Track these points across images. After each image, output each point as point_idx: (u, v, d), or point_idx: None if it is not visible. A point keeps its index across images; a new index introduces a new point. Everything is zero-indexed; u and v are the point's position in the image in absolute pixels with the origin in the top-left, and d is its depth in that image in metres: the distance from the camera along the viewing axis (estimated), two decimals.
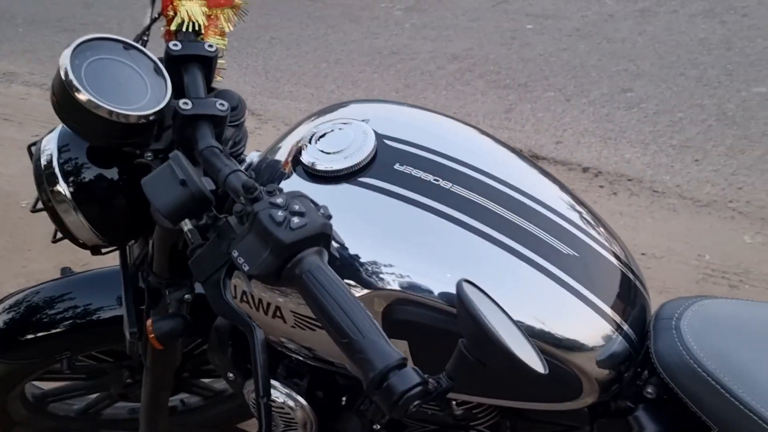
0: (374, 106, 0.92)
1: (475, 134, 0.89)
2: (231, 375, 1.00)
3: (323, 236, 0.65)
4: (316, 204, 0.67)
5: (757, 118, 2.90)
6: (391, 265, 0.75)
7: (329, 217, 0.67)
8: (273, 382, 0.92)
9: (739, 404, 0.71)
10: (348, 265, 0.75)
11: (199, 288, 0.92)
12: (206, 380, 1.46)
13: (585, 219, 0.83)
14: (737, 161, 2.64)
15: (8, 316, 1.17)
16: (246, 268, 0.63)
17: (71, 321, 1.15)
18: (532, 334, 0.71)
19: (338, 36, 4.18)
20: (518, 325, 0.61)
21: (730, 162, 2.64)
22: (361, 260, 0.75)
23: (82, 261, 1.77)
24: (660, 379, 0.77)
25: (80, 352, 1.24)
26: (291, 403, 0.92)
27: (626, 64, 3.50)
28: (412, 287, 0.75)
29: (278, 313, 0.81)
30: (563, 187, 0.87)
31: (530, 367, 0.61)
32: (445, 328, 0.73)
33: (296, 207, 0.64)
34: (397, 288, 0.75)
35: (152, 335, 0.86)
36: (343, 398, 0.99)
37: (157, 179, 0.70)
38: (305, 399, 0.92)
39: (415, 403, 0.58)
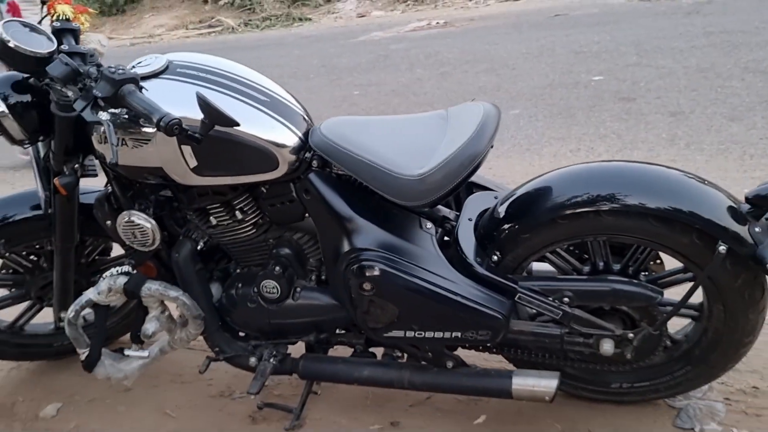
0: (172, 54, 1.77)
1: (230, 61, 1.75)
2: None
3: (134, 79, 1.46)
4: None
5: (509, 128, 4.01)
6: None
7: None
8: (133, 212, 1.70)
9: (360, 158, 1.54)
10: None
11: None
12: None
13: (275, 90, 1.68)
14: None
15: None
16: (98, 94, 1.44)
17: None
18: (251, 136, 1.54)
19: None
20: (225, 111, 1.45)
21: None
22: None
23: None
24: (318, 156, 1.61)
25: (11, 246, 1.95)
26: (143, 223, 1.69)
27: (426, 108, 4.59)
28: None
29: (125, 143, 1.59)
30: (270, 80, 1.72)
31: (230, 117, 1.43)
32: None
33: (120, 69, 1.46)
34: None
35: (59, 185, 1.65)
36: (180, 225, 1.77)
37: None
38: (153, 219, 1.70)
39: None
